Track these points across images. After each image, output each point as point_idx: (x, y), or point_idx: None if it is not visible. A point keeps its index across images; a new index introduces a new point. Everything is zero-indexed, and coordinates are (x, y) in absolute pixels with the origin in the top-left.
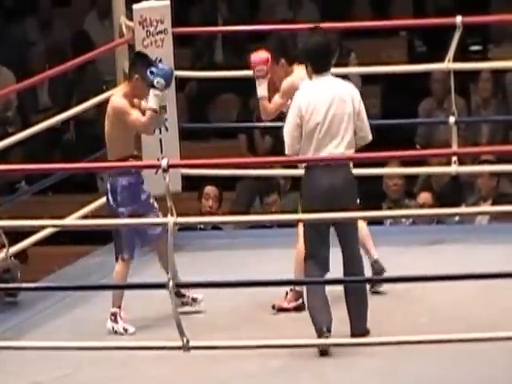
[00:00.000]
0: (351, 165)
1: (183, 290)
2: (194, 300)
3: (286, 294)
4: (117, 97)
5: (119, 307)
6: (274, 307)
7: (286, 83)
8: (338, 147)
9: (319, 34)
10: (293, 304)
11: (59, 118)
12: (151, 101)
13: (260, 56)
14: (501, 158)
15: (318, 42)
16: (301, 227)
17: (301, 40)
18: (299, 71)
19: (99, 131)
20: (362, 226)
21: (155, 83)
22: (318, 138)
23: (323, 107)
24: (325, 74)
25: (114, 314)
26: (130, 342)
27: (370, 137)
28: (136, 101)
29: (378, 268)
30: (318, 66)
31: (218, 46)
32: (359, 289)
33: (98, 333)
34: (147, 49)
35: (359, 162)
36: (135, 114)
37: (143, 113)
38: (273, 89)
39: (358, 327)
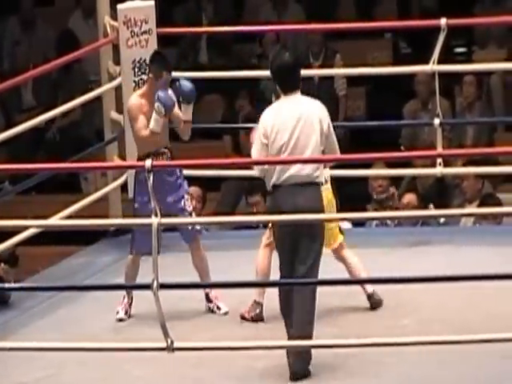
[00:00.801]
0: (324, 184)
1: (211, 296)
2: (219, 308)
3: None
4: (133, 96)
5: None
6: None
7: None
8: (305, 168)
9: (287, 53)
10: (252, 314)
11: (43, 117)
12: (152, 123)
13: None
14: (486, 160)
15: (284, 61)
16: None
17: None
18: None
19: (84, 131)
20: (353, 259)
21: (155, 107)
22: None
23: (289, 128)
24: (293, 94)
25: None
26: (115, 342)
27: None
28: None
29: (374, 302)
30: (285, 86)
31: (203, 46)
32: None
33: (82, 333)
34: (131, 49)
35: (344, 164)
36: (140, 123)
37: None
38: None
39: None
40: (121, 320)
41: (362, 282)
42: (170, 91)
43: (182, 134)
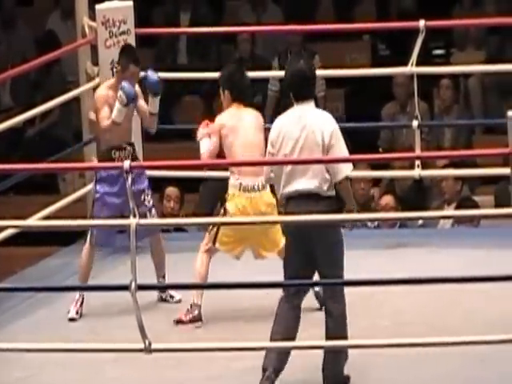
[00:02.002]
0: (262, 189)
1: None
2: (172, 297)
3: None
4: (101, 87)
5: None
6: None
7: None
8: (311, 181)
9: (303, 61)
10: (189, 316)
11: (21, 118)
12: (114, 112)
13: (207, 129)
14: (464, 162)
15: (298, 69)
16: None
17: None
18: (232, 111)
19: (62, 132)
20: None
21: (118, 97)
22: (286, 172)
23: (292, 139)
24: (304, 103)
25: None
26: (93, 343)
27: (340, 176)
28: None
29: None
30: (297, 94)
31: (182, 48)
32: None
33: (60, 334)
34: (110, 49)
35: None
36: (103, 113)
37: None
38: None
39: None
40: (72, 319)
41: (346, 283)
42: (136, 85)
43: (149, 126)
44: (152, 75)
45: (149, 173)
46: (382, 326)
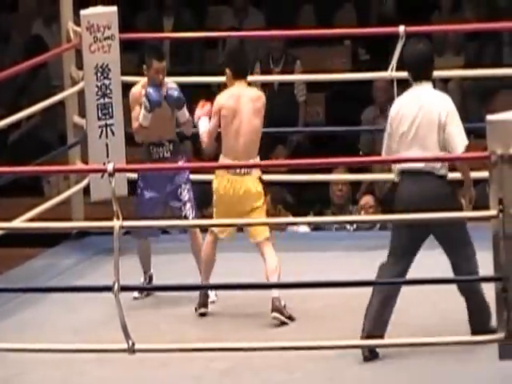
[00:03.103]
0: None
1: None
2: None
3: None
4: (136, 85)
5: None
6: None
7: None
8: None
9: (422, 43)
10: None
11: (6, 121)
12: (140, 116)
13: (203, 110)
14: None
15: (418, 50)
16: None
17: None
18: (233, 90)
19: (47, 136)
20: (270, 259)
21: (142, 102)
22: (403, 149)
23: (409, 117)
24: (423, 83)
25: None
26: (76, 343)
27: (459, 150)
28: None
29: (275, 307)
30: (416, 75)
31: (166, 52)
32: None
33: (43, 335)
34: (94, 54)
35: (306, 169)
36: (134, 114)
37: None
38: None
39: (478, 325)
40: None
41: (327, 285)
42: (162, 90)
43: (185, 131)
44: (172, 93)
45: (132, 176)
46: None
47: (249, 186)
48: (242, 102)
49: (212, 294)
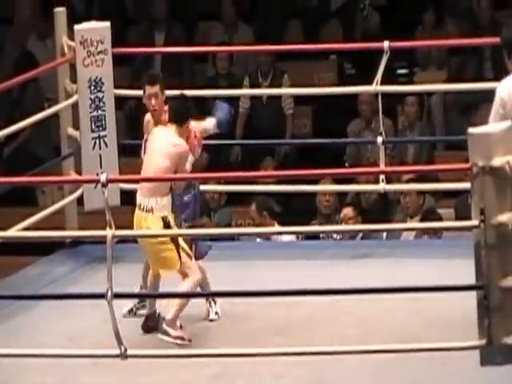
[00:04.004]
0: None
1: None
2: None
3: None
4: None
5: None
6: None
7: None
8: None
9: None
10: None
11: (1, 133)
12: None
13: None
14: (426, 177)
15: None
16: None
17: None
18: (164, 128)
19: (41, 148)
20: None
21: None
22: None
23: None
24: None
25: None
26: (69, 349)
27: None
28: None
29: (150, 323)
30: None
31: (157, 66)
32: None
33: (36, 340)
34: (88, 68)
35: (292, 179)
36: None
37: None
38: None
39: None
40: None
41: (312, 292)
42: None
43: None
44: (224, 115)
45: (125, 186)
46: (348, 334)
47: (149, 226)
48: (155, 140)
49: (212, 312)
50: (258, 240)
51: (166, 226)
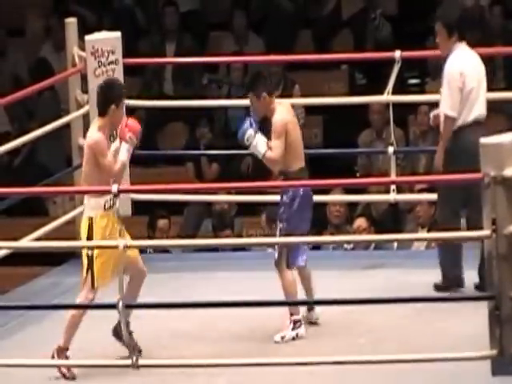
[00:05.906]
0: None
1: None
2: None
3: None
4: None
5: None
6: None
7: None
8: (483, 108)
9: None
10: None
11: (15, 143)
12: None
13: (138, 126)
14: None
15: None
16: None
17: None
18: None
19: (52, 158)
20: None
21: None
22: (471, 99)
23: (475, 73)
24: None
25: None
26: (80, 359)
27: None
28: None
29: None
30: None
31: (168, 77)
32: None
33: (48, 351)
34: (99, 78)
35: None
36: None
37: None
38: None
39: None
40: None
41: (323, 302)
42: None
43: None
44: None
45: (136, 196)
46: (359, 344)
47: (81, 227)
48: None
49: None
50: (269, 250)
51: (90, 227)
